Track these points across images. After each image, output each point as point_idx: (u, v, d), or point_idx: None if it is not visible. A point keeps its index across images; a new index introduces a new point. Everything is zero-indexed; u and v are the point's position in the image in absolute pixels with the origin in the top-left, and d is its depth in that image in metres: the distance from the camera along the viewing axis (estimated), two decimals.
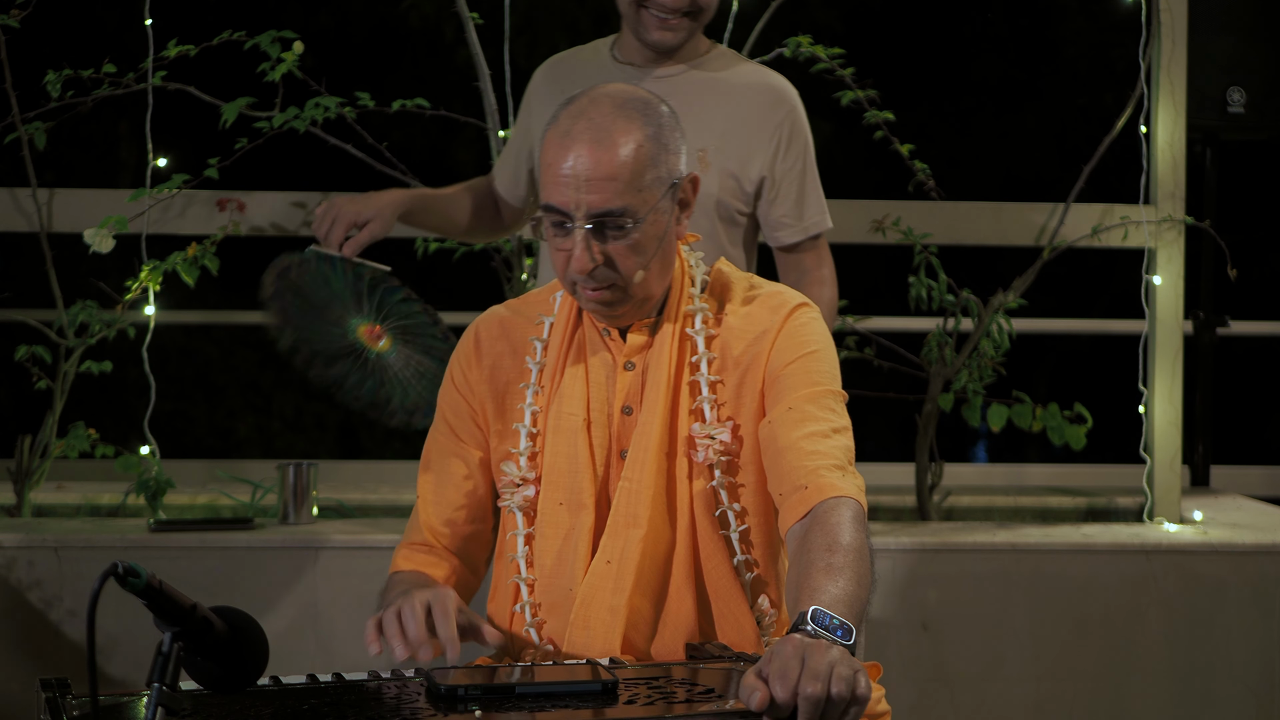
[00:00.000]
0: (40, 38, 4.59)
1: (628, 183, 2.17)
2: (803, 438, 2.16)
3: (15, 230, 4.13)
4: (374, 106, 4.04)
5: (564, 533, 2.24)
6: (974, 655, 3.74)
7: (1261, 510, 4.30)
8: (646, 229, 2.19)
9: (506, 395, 2.32)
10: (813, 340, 2.26)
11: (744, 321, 2.28)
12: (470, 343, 2.36)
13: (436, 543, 2.33)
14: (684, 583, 2.23)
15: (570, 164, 2.17)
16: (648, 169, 2.18)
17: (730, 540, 2.23)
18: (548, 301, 2.36)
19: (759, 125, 3.17)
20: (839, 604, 1.92)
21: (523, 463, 2.28)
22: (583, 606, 2.19)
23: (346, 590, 3.67)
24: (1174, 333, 4.11)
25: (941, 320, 4.12)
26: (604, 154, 2.17)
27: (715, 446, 2.23)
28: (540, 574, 2.25)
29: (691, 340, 2.27)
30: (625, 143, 2.17)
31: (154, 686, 1.63)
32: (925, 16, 8.77)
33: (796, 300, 2.29)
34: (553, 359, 2.30)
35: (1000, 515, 4.30)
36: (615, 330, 2.29)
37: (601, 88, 2.24)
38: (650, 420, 2.24)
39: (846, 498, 2.11)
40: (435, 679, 1.88)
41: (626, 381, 2.27)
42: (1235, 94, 4.44)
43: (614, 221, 2.17)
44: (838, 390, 2.25)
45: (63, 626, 3.64)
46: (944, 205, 4.19)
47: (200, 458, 6.39)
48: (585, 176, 2.16)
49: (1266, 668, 3.77)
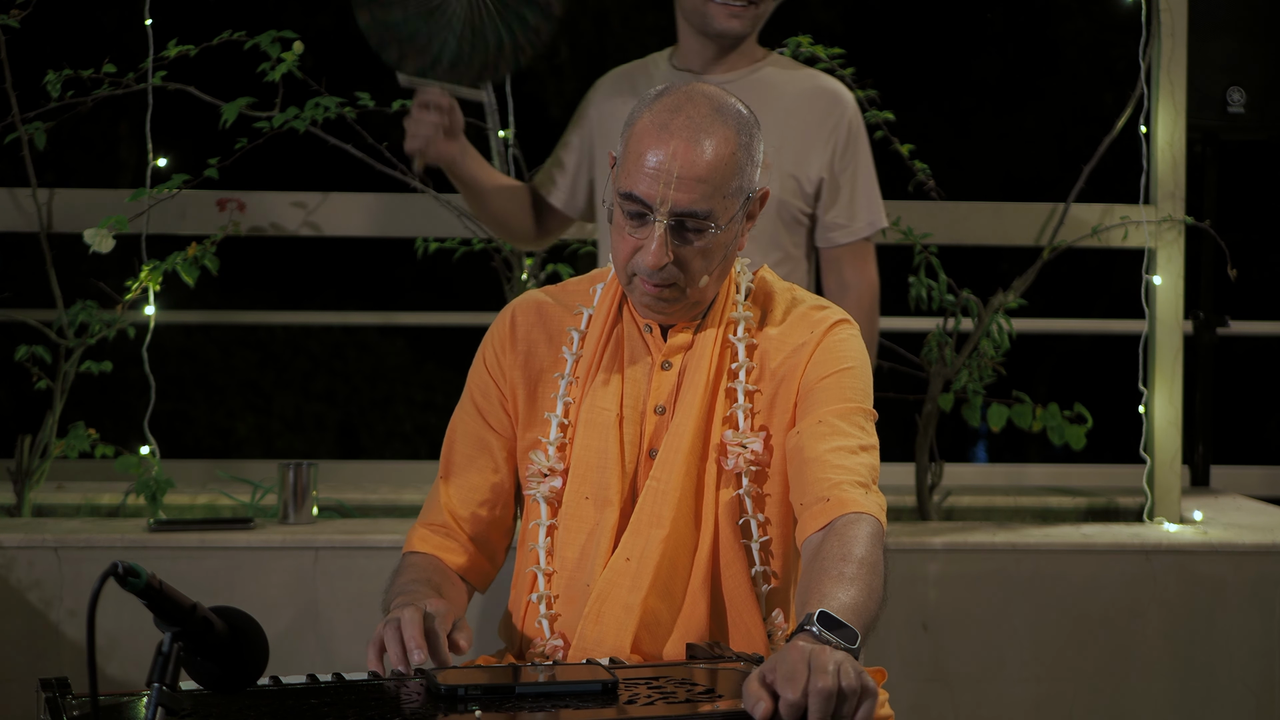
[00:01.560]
0: (40, 38, 4.59)
1: (715, 187, 2.18)
2: (829, 451, 2.17)
3: (15, 230, 4.13)
4: (374, 106, 4.04)
5: (588, 528, 2.24)
6: (974, 655, 3.74)
7: (1261, 510, 4.30)
8: (721, 236, 2.20)
9: (539, 383, 2.32)
10: (849, 357, 2.26)
11: (784, 333, 2.28)
12: (506, 326, 2.35)
13: (456, 526, 2.32)
14: (700, 588, 2.23)
15: (663, 158, 2.17)
16: (734, 177, 2.19)
17: (751, 550, 2.23)
18: (588, 293, 2.35)
19: (816, 128, 3.19)
20: (846, 611, 1.92)
21: (551, 453, 2.27)
22: (598, 602, 2.19)
23: (346, 590, 3.66)
24: (1174, 333, 4.11)
25: (941, 320, 4.12)
26: (698, 155, 2.17)
27: (746, 455, 2.22)
28: (561, 567, 2.25)
29: (733, 347, 2.27)
30: (720, 147, 2.18)
31: (154, 686, 1.63)
32: (925, 16, 8.78)
33: (837, 316, 2.30)
34: (590, 351, 2.30)
35: (1000, 515, 4.30)
36: (657, 328, 2.28)
37: (697, 85, 2.25)
38: (684, 422, 2.24)
39: (867, 514, 2.11)
40: (435, 679, 1.88)
41: (662, 381, 2.27)
42: (1235, 94, 4.44)
43: (695, 223, 2.18)
44: (869, 409, 2.25)
45: (63, 626, 3.64)
46: (944, 205, 4.19)
47: (200, 458, 6.39)
48: (677, 174, 2.16)
49: (1266, 668, 3.77)
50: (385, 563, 3.67)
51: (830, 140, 3.21)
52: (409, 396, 9.11)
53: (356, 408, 9.15)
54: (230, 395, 9.01)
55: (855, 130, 3.27)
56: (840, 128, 3.22)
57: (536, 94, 7.98)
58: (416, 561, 2.30)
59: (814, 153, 3.19)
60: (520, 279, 4.10)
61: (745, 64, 3.27)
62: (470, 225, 4.11)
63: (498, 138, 4.08)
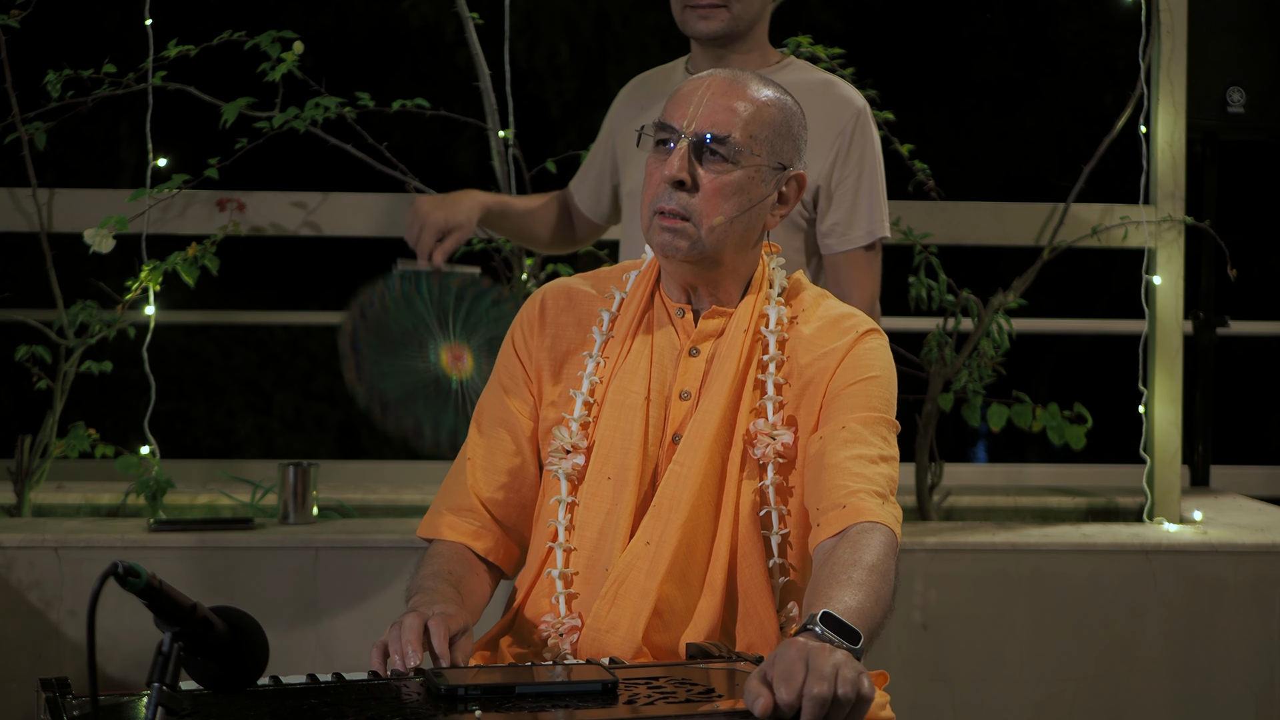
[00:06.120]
0: (40, 38, 4.59)
1: (744, 121, 2.22)
2: (850, 459, 2.17)
3: (15, 230, 4.13)
4: (374, 106, 4.04)
5: (607, 507, 2.24)
6: (974, 655, 3.74)
7: (1261, 510, 4.30)
8: (740, 177, 2.22)
9: (565, 364, 2.32)
10: (876, 366, 2.27)
11: (815, 334, 2.28)
12: (535, 309, 2.36)
13: (482, 509, 2.32)
14: (716, 576, 2.22)
15: (697, 89, 2.23)
16: (766, 127, 2.23)
17: (769, 542, 2.23)
18: (620, 279, 2.36)
19: (820, 133, 3.19)
20: (851, 614, 1.93)
21: (574, 429, 2.27)
22: (615, 584, 2.19)
23: (346, 590, 3.66)
24: (1174, 333, 4.11)
25: (941, 320, 4.12)
26: (733, 91, 2.23)
27: (775, 446, 2.22)
28: (581, 545, 2.24)
29: (764, 340, 2.27)
30: (755, 95, 2.24)
31: (154, 686, 1.63)
32: (925, 16, 8.77)
33: (868, 325, 2.30)
34: (620, 333, 2.30)
35: (1000, 515, 4.30)
36: (689, 311, 2.29)
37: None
38: (711, 409, 2.23)
39: (882, 525, 2.11)
40: (435, 679, 1.88)
41: (689, 367, 2.27)
42: (1235, 94, 4.44)
43: (716, 148, 2.21)
44: (892, 420, 2.26)
45: (63, 626, 3.64)
46: (944, 205, 4.19)
47: (200, 458, 6.39)
48: (707, 101, 2.22)
49: (1266, 668, 3.77)
50: (385, 563, 3.67)
51: (833, 146, 3.20)
52: None
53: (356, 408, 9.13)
54: (230, 395, 9.01)
55: (861, 137, 3.23)
56: (844, 134, 3.21)
57: (536, 94, 7.98)
58: (442, 551, 2.30)
59: (814, 158, 3.19)
60: (520, 279, 4.10)
61: (757, 67, 3.25)
62: None
63: (498, 138, 4.08)
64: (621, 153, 3.35)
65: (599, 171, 3.42)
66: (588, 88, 8.08)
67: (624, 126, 3.33)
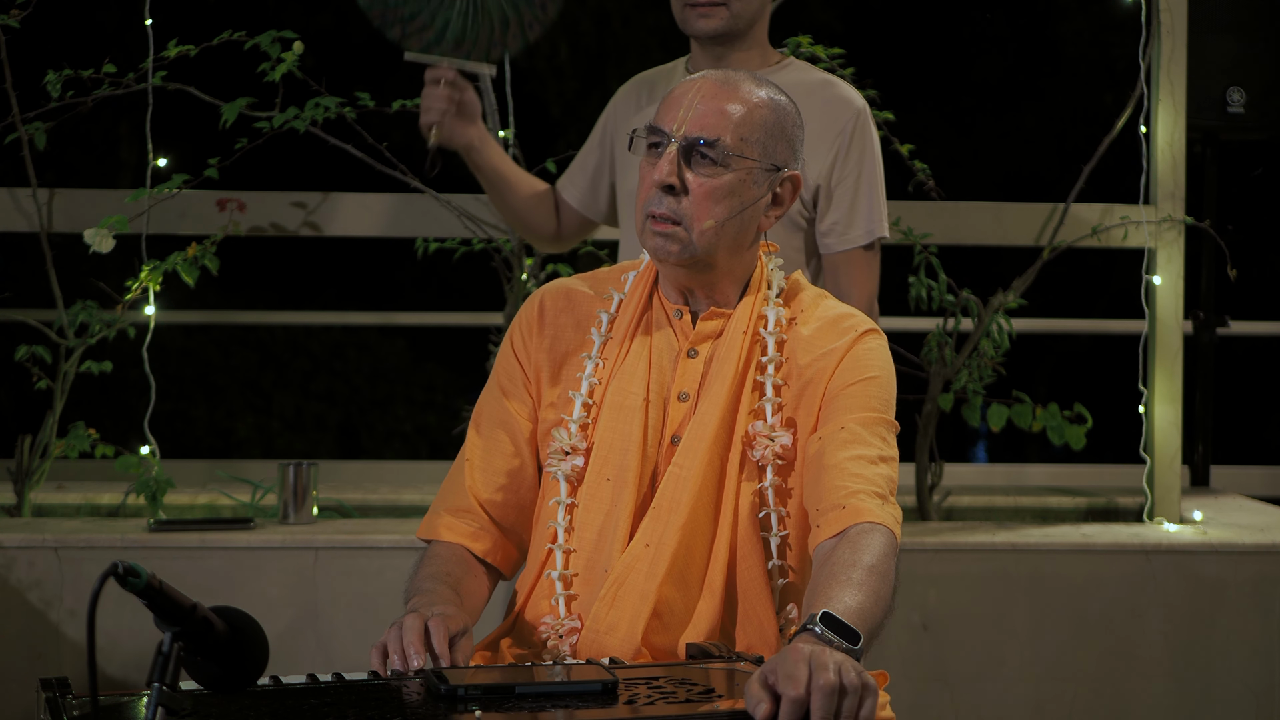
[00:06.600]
0: (40, 38, 4.59)
1: (735, 124, 2.22)
2: (849, 459, 2.17)
3: (15, 230, 4.13)
4: (374, 106, 4.04)
5: (606, 509, 2.24)
6: (974, 655, 3.74)
7: (1261, 510, 4.30)
8: (731, 180, 2.22)
9: (564, 365, 2.32)
10: (876, 366, 2.27)
11: (814, 335, 2.28)
12: (534, 311, 2.36)
13: (480, 510, 2.32)
14: (715, 578, 2.22)
15: (688, 92, 2.23)
16: (757, 129, 2.23)
17: (769, 543, 2.23)
18: (619, 280, 2.36)
19: (819, 134, 3.18)
20: (851, 614, 1.93)
21: (574, 430, 2.27)
22: (614, 586, 2.19)
23: (346, 590, 3.67)
24: (1174, 333, 4.11)
25: (941, 320, 4.12)
26: (724, 93, 2.23)
27: (774, 448, 2.22)
28: (580, 546, 2.24)
29: (763, 341, 2.27)
30: (747, 97, 2.24)
31: (154, 686, 1.63)
32: (925, 16, 8.78)
33: (867, 325, 2.30)
34: (618, 334, 2.30)
35: (1000, 515, 4.30)
36: (687, 313, 2.29)
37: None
38: (710, 410, 2.23)
39: (881, 525, 2.11)
40: (435, 679, 1.88)
41: (688, 368, 2.27)
42: (1235, 94, 4.44)
43: (706, 151, 2.21)
44: (891, 420, 2.26)
45: (63, 626, 3.64)
46: (944, 205, 4.19)
47: (200, 458, 6.40)
48: (698, 104, 2.22)
49: (1266, 668, 3.77)
50: (385, 563, 3.67)
51: (833, 146, 3.20)
52: (409, 396, 9.11)
53: (356, 408, 9.15)
54: (230, 395, 9.01)
55: (860, 137, 3.23)
56: (844, 134, 3.20)
57: (536, 94, 7.99)
58: (441, 553, 2.30)
59: (814, 158, 3.19)
60: (520, 279, 4.10)
61: (756, 67, 3.25)
62: (470, 225, 4.11)
63: (498, 137, 4.08)
64: (620, 152, 3.34)
65: (596, 167, 3.40)
66: (588, 88, 8.07)
67: (622, 125, 3.33)
